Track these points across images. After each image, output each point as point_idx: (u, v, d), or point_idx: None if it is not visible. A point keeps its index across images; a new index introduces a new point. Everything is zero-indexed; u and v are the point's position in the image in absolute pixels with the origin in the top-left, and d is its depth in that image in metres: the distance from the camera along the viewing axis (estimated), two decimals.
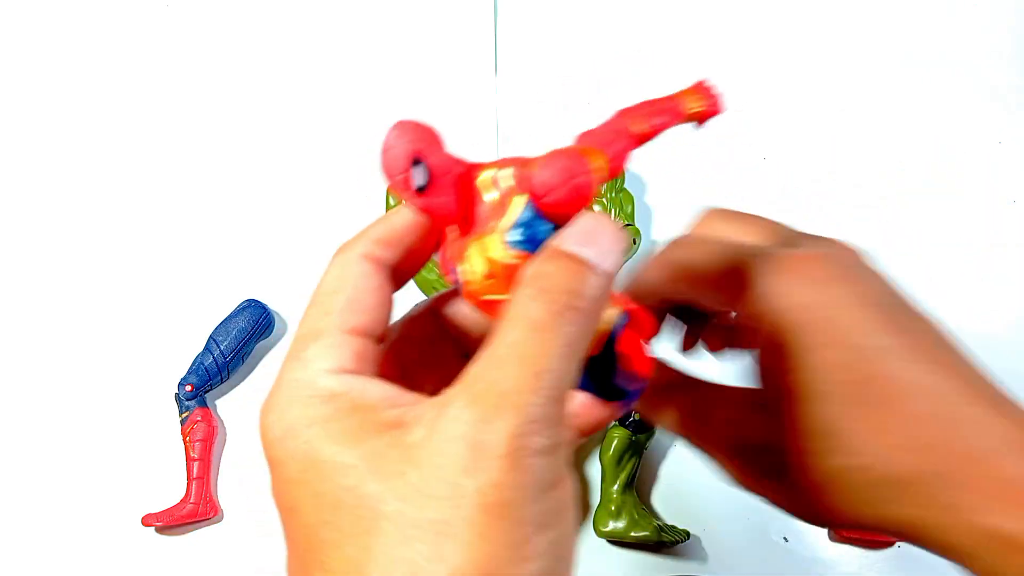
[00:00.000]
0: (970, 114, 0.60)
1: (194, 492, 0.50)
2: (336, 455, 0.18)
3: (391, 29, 0.63)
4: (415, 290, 0.51)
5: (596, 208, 0.53)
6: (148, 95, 0.61)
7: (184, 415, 0.51)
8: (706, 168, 0.58)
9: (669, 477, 0.51)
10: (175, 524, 0.50)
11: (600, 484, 0.50)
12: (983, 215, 0.57)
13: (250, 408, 0.54)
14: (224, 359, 0.52)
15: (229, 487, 0.52)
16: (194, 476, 0.50)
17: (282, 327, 0.55)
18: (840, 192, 0.58)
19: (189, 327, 0.54)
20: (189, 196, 0.58)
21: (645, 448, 0.50)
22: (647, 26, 0.62)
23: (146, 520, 0.50)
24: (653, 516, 0.49)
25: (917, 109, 0.60)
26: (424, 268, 0.27)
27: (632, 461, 0.49)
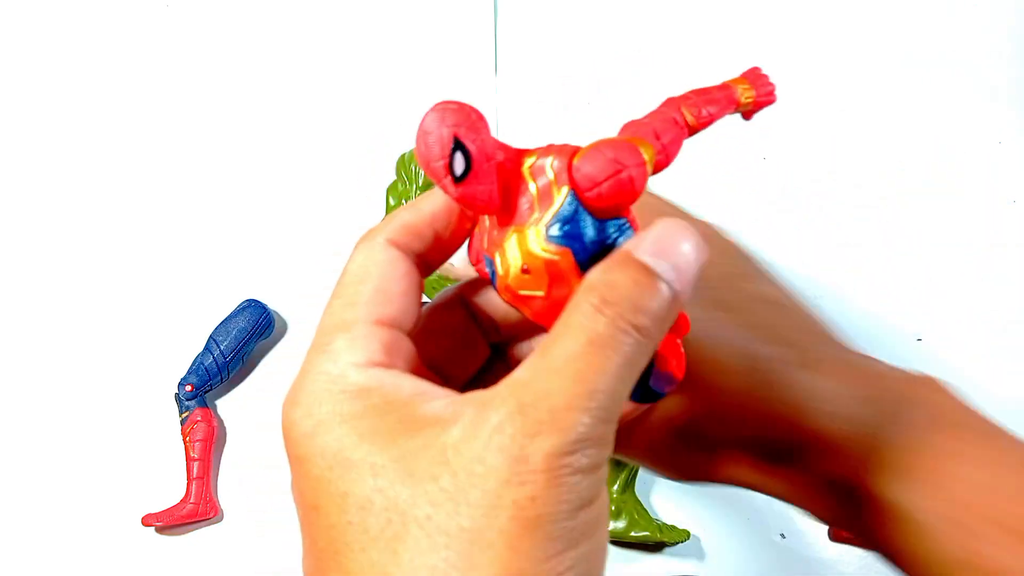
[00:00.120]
0: (970, 114, 0.60)
1: (194, 492, 0.50)
2: (367, 455, 0.17)
3: (391, 29, 0.63)
4: None
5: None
6: (148, 95, 0.61)
7: (184, 415, 0.51)
8: (706, 168, 0.58)
9: None
10: (175, 524, 0.50)
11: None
12: (983, 215, 0.57)
13: (250, 408, 0.53)
14: (224, 359, 0.52)
15: (229, 487, 0.52)
16: (194, 476, 0.50)
17: (282, 327, 0.55)
18: (840, 192, 0.58)
19: (189, 327, 0.54)
20: (189, 196, 0.58)
21: None
22: (647, 26, 0.62)
23: (146, 520, 0.50)
24: (653, 516, 0.49)
25: (917, 109, 0.60)
26: None
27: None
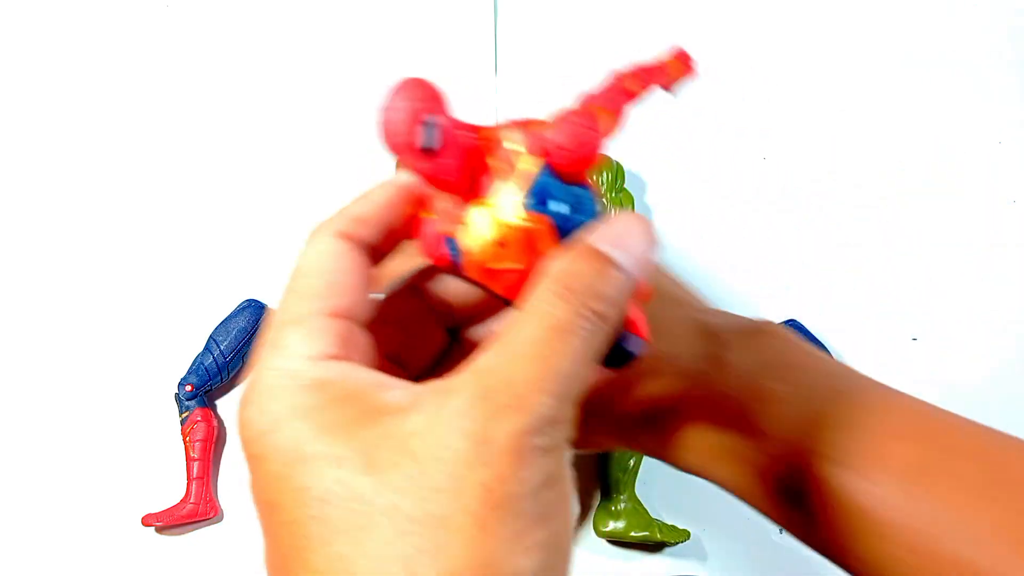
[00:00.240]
0: (970, 114, 0.60)
1: (194, 492, 0.50)
2: (327, 447, 0.17)
3: (391, 29, 0.63)
4: None
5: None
6: (148, 95, 0.61)
7: (184, 415, 0.51)
8: (706, 168, 0.58)
9: (669, 477, 0.51)
10: (175, 524, 0.50)
11: (600, 484, 0.50)
12: (983, 215, 0.57)
13: None
14: (224, 359, 0.52)
15: (229, 487, 0.52)
16: (194, 476, 0.50)
17: None
18: (840, 192, 0.58)
19: (189, 327, 0.54)
20: (189, 196, 0.58)
21: None
22: (647, 26, 0.62)
23: (146, 520, 0.50)
24: (653, 516, 0.49)
25: (917, 109, 0.60)
26: None
27: (633, 461, 0.49)
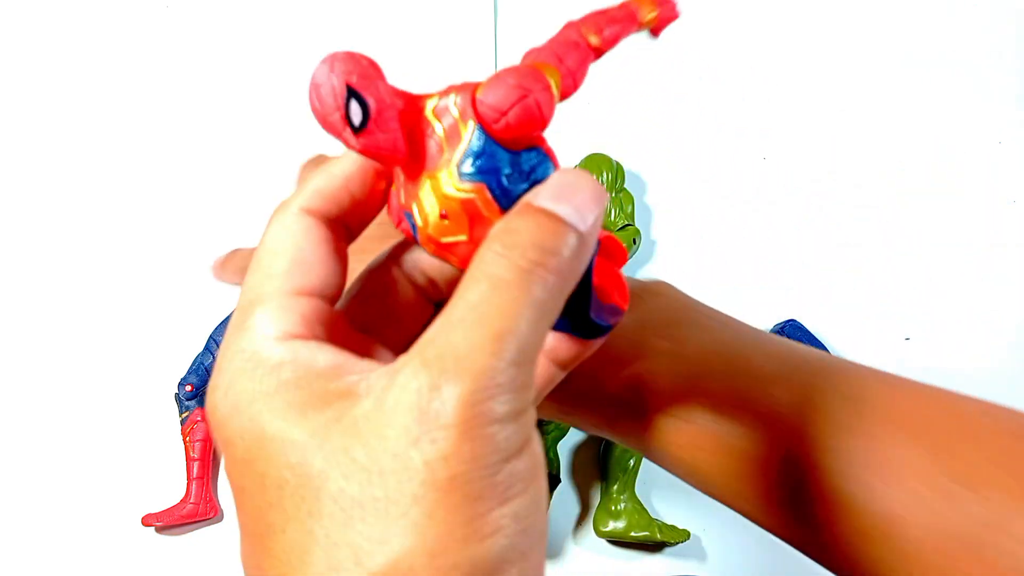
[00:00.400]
0: (970, 114, 0.60)
1: (194, 492, 0.50)
2: (281, 431, 0.17)
3: (391, 29, 0.63)
4: None
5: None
6: (148, 95, 0.61)
7: (184, 415, 0.51)
8: (706, 168, 0.58)
9: (669, 477, 0.51)
10: (175, 524, 0.50)
11: (600, 484, 0.50)
12: (983, 215, 0.57)
13: None
14: None
15: (229, 487, 0.52)
16: (194, 476, 0.50)
17: None
18: (840, 192, 0.58)
19: (189, 327, 0.54)
20: (189, 196, 0.58)
21: None
22: None
23: (146, 520, 0.50)
24: (653, 516, 0.49)
25: (917, 109, 0.60)
26: None
27: (633, 461, 0.49)
